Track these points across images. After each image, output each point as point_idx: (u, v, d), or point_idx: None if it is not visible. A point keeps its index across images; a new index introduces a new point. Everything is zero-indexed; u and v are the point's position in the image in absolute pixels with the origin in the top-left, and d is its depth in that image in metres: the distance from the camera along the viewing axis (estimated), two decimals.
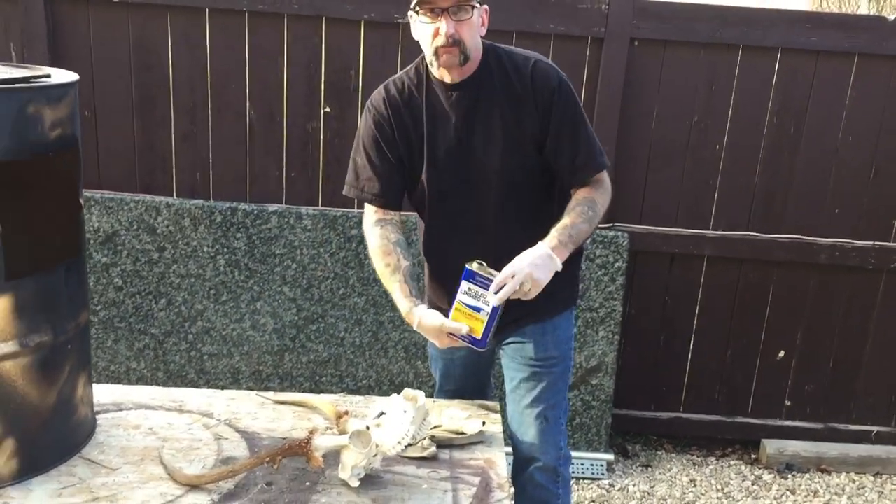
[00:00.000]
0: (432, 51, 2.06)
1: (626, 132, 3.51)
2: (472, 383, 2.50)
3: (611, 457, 3.65)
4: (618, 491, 3.53)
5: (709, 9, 3.42)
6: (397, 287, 2.16)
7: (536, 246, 2.05)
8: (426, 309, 2.13)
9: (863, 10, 10.47)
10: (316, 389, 3.53)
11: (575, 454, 3.45)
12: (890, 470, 3.77)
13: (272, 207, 3.48)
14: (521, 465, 2.35)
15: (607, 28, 3.40)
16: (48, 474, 1.88)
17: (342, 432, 1.97)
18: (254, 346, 3.54)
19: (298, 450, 1.89)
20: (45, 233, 1.83)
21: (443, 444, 2.10)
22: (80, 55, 3.43)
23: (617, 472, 3.66)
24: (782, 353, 3.76)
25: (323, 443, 1.90)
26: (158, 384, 3.44)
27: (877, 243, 3.61)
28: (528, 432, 2.31)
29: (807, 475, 3.73)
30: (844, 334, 3.73)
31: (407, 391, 1.94)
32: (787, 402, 3.82)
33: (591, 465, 3.61)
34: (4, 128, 1.68)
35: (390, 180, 2.22)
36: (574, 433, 3.58)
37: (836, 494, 3.62)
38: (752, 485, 3.64)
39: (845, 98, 3.49)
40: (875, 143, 3.53)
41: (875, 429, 3.83)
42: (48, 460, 1.91)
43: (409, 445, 1.95)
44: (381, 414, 1.96)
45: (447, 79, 2.12)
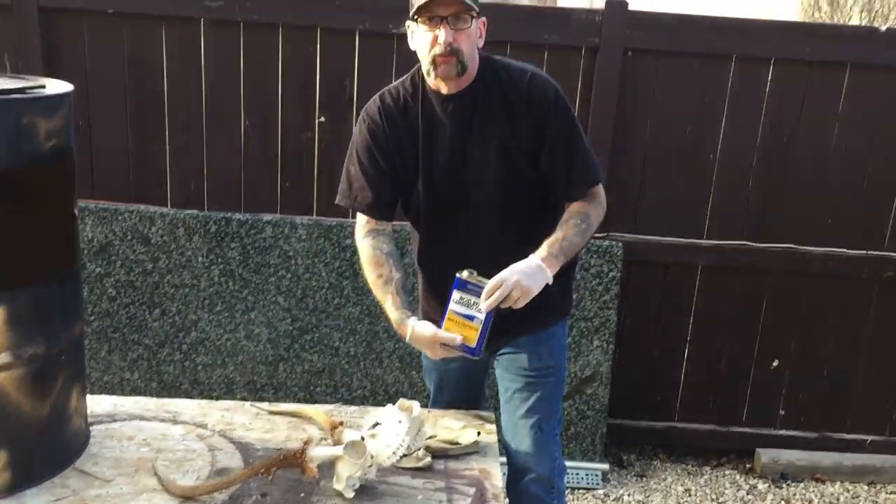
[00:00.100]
0: (430, 59, 2.05)
1: (621, 142, 3.52)
2: (467, 394, 2.50)
3: (606, 466, 3.65)
4: (613, 501, 3.53)
5: (702, 19, 3.44)
6: (389, 299, 2.15)
7: (528, 257, 2.05)
8: (418, 320, 2.12)
9: (855, 20, 10.52)
10: (310, 400, 3.52)
11: (570, 464, 3.44)
12: (884, 479, 3.77)
13: (267, 217, 3.48)
14: (516, 476, 2.34)
15: (601, 39, 3.41)
16: (41, 486, 1.87)
17: (337, 443, 1.96)
18: (248, 356, 3.54)
19: (293, 460, 1.88)
20: (39, 243, 1.83)
21: (438, 454, 2.10)
22: (75, 65, 3.43)
23: (612, 482, 3.65)
24: (776, 363, 3.76)
25: (318, 453, 1.90)
26: (152, 395, 3.41)
27: (870, 252, 3.63)
28: (523, 443, 2.30)
29: (801, 484, 3.73)
30: (838, 343, 3.74)
31: (402, 401, 1.94)
32: (782, 412, 3.82)
33: (587, 475, 3.61)
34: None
35: (383, 190, 2.21)
36: (569, 443, 3.58)
37: None
38: (747, 494, 3.64)
39: (838, 108, 3.50)
40: (868, 153, 3.54)
41: (869, 437, 3.83)
42: (41, 472, 1.90)
43: (404, 456, 1.94)
44: (375, 424, 1.96)
45: (443, 89, 2.12)
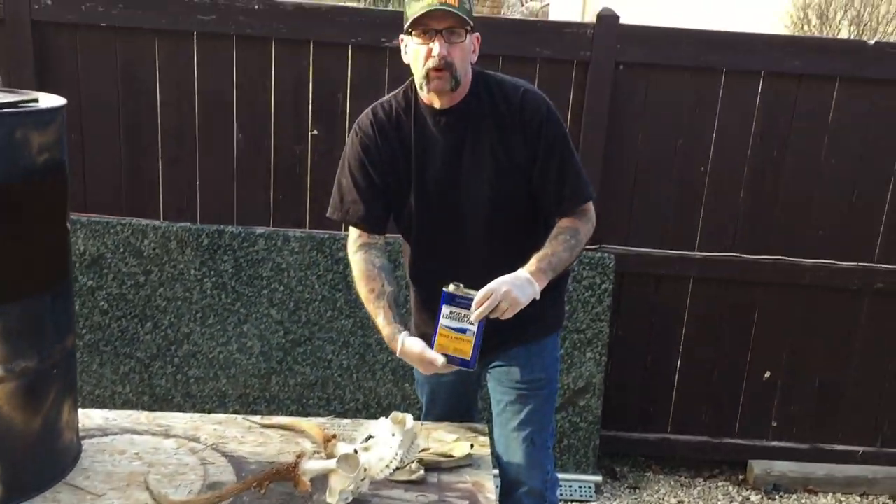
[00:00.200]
0: (423, 73, 2.05)
1: (612, 154, 3.53)
2: (460, 407, 2.49)
3: (599, 478, 3.64)
4: None
5: (692, 33, 3.46)
6: (381, 313, 2.14)
7: (517, 271, 2.05)
8: (408, 335, 2.11)
9: (844, 34, 10.61)
10: (303, 412, 3.51)
11: (563, 476, 3.44)
12: (876, 490, 3.78)
13: (259, 230, 3.48)
14: (509, 490, 2.34)
15: (593, 52, 3.43)
16: (32, 501, 1.86)
17: (330, 456, 1.96)
18: (240, 369, 3.53)
19: (286, 474, 1.88)
20: (31, 257, 1.83)
21: (431, 467, 2.09)
22: (68, 78, 3.42)
23: (605, 494, 3.65)
24: (768, 374, 3.77)
25: (310, 467, 1.89)
26: (144, 408, 3.41)
27: (860, 264, 3.64)
28: (515, 456, 2.30)
29: (794, 496, 3.73)
30: (830, 354, 3.75)
31: (395, 414, 1.94)
32: (774, 423, 3.83)
33: (580, 487, 3.60)
34: None
35: (375, 204, 2.21)
36: (562, 455, 3.58)
37: None
38: None
39: (827, 121, 3.53)
40: (857, 165, 3.57)
41: (861, 449, 3.84)
42: (32, 487, 1.89)
43: (398, 469, 1.94)
44: (369, 437, 1.96)
45: (436, 104, 2.12)
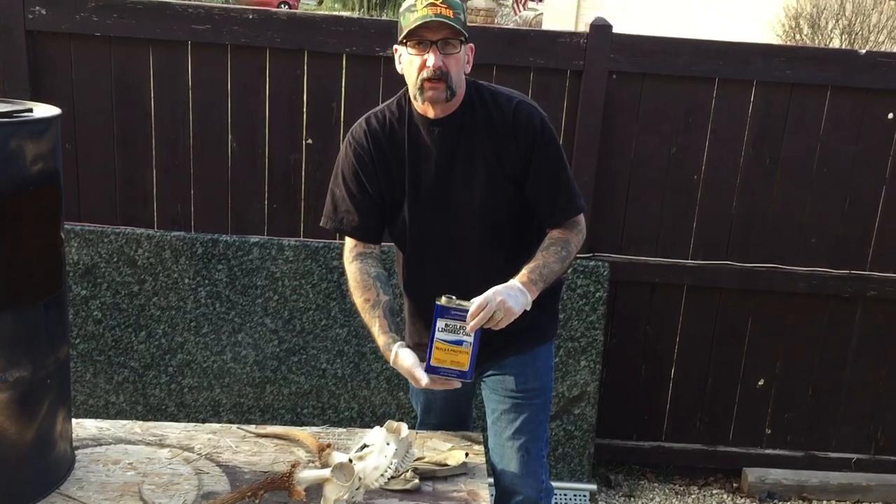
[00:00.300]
0: (418, 84, 2.06)
1: (606, 163, 3.54)
2: (454, 416, 2.50)
3: (594, 487, 3.64)
4: None
5: (685, 42, 3.48)
6: (376, 323, 2.15)
7: (509, 281, 2.06)
8: (403, 346, 2.11)
9: (835, 43, 10.66)
10: (297, 422, 3.51)
11: (558, 484, 3.44)
12: (870, 497, 3.78)
13: (254, 239, 3.48)
14: (503, 498, 2.34)
15: (586, 61, 3.44)
16: None
17: (324, 465, 1.96)
18: (235, 378, 3.52)
19: (280, 483, 1.88)
20: (25, 267, 1.83)
21: (426, 476, 2.09)
22: (62, 88, 3.42)
23: (600, 502, 3.65)
24: (762, 382, 3.78)
25: (305, 476, 1.89)
26: (138, 418, 3.40)
27: (853, 272, 3.66)
28: (510, 465, 2.31)
29: (788, 503, 3.73)
30: (823, 362, 3.76)
31: (390, 423, 1.94)
32: (768, 431, 3.84)
33: (575, 496, 3.60)
34: None
35: (369, 213, 2.21)
36: (557, 463, 3.58)
37: None
38: None
39: (819, 129, 3.55)
40: (849, 173, 3.58)
41: (855, 456, 3.84)
42: (26, 497, 1.88)
43: (392, 478, 1.94)
44: (363, 446, 1.96)
45: (430, 114, 2.13)
